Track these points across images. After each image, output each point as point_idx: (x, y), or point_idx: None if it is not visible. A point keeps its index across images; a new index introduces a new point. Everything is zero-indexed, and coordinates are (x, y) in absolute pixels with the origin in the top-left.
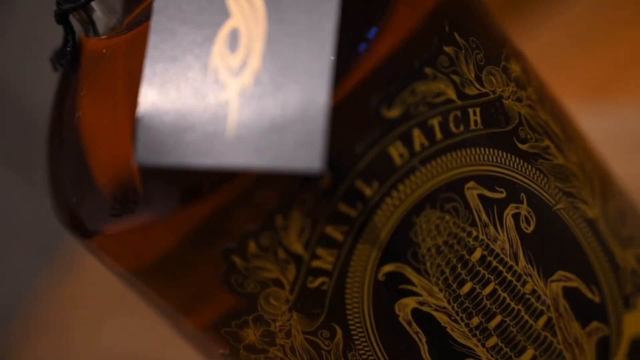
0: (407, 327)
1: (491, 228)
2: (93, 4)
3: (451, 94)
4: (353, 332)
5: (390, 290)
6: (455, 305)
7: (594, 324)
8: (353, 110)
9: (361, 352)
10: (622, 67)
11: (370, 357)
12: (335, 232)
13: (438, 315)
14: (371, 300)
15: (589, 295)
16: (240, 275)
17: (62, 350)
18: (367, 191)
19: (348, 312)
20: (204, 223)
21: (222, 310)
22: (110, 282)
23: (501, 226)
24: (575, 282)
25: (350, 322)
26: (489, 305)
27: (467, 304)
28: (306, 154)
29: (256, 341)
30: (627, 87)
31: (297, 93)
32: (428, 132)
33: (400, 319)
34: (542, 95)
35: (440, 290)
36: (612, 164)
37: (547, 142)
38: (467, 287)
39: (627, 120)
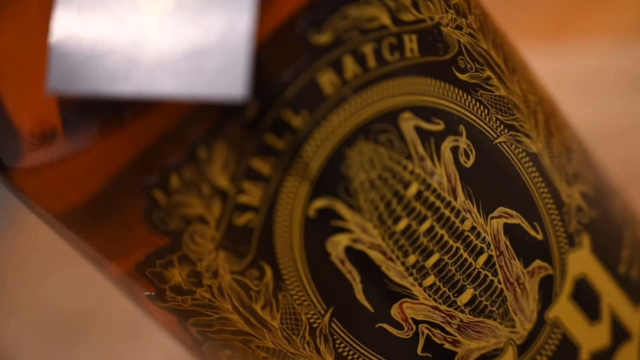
0: (339, 266)
1: (428, 161)
2: None
3: (385, 19)
4: (283, 272)
5: (322, 227)
6: (390, 242)
7: (537, 263)
8: (279, 36)
9: (292, 292)
10: (580, 8)
11: (302, 298)
12: (262, 165)
13: (372, 254)
14: (301, 238)
15: (532, 232)
16: (162, 211)
17: (12, 305)
18: (296, 121)
19: (277, 250)
20: (123, 156)
21: (146, 251)
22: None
23: (439, 160)
24: (517, 219)
25: (279, 262)
26: (425, 243)
27: (403, 242)
28: (228, 80)
29: (182, 282)
30: (585, 28)
31: (220, 17)
32: (360, 59)
33: (333, 257)
34: (484, 24)
35: (374, 226)
36: (567, 103)
37: (488, 73)
38: (402, 224)
39: (584, 60)
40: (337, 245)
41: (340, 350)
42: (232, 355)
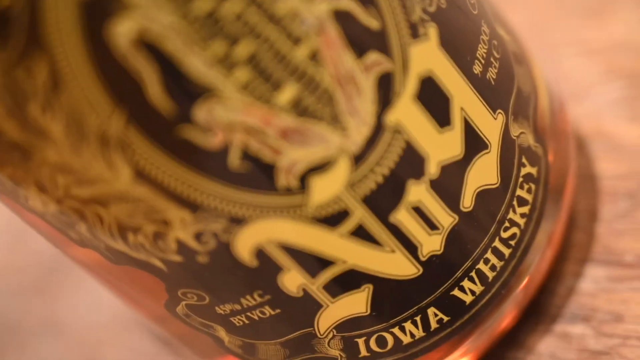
0: (127, 58)
1: None
2: None
3: None
4: (60, 67)
5: (101, 9)
6: (190, 26)
7: (373, 56)
8: None
9: (73, 92)
10: None
11: (86, 99)
12: None
13: (167, 41)
14: (78, 23)
15: (366, 19)
16: None
17: None
18: None
19: (49, 39)
20: None
21: None
22: None
23: None
24: (348, 2)
25: (54, 54)
26: (233, 27)
27: (205, 25)
28: None
29: None
30: None
31: None
32: None
33: (118, 48)
34: None
35: (168, 6)
36: None
37: None
38: (204, 3)
39: None
40: (123, 32)
41: (138, 163)
42: (13, 175)
